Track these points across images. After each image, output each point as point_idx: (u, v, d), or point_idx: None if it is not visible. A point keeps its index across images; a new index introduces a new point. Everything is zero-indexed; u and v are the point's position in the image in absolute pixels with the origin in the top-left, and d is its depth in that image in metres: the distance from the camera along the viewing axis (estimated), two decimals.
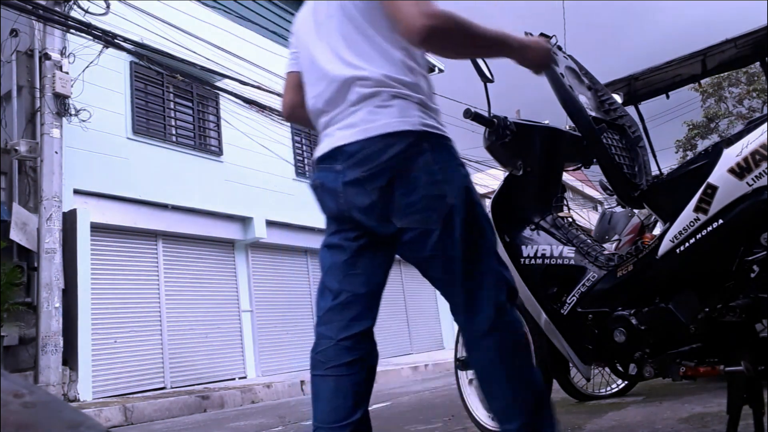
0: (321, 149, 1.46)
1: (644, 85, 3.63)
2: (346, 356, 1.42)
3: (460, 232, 1.34)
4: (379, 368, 1.55)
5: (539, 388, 1.37)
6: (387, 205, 1.35)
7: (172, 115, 8.65)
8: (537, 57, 1.50)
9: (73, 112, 6.65)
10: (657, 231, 3.30)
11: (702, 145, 18.76)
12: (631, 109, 3.04)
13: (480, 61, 2.03)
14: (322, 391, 1.43)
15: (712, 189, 1.55)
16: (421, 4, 1.26)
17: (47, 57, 6.46)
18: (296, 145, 10.46)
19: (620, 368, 1.89)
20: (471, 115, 2.05)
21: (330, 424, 1.39)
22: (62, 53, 6.57)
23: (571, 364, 2.09)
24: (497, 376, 1.34)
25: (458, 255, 1.34)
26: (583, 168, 2.56)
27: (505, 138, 2.09)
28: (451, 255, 1.35)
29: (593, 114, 2.08)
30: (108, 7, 6.88)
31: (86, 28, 6.48)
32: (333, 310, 1.45)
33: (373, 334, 1.48)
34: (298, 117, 1.64)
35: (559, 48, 2.27)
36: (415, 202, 1.33)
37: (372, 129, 1.34)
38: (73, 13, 6.59)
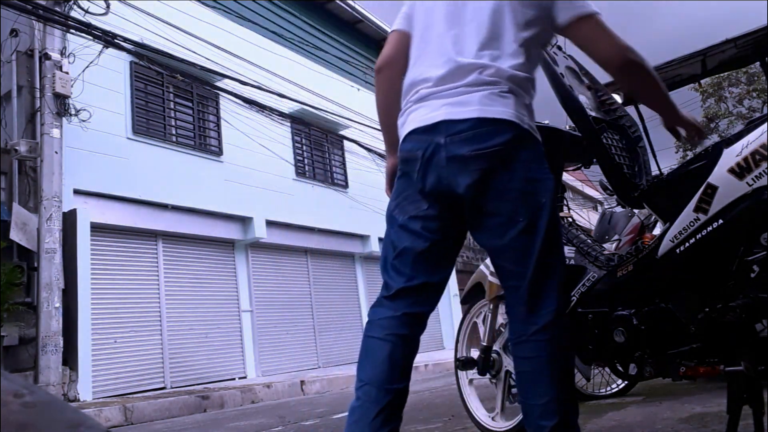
0: (420, 119, 1.47)
1: None
2: (405, 330, 1.49)
3: (543, 230, 1.42)
4: None
5: (574, 391, 1.45)
6: (484, 189, 1.41)
7: (172, 115, 8.65)
8: (688, 125, 1.65)
9: (73, 112, 6.66)
10: (657, 231, 3.30)
11: (702, 145, 18.74)
12: (631, 109, 3.04)
13: None
14: (377, 353, 1.47)
15: (712, 189, 1.55)
16: (623, 42, 1.47)
17: (47, 57, 6.46)
18: (296, 145, 10.45)
19: (620, 368, 1.89)
20: None
21: (379, 384, 1.44)
22: (62, 53, 6.58)
23: None
24: (546, 372, 1.39)
25: (535, 250, 1.41)
26: (583, 168, 2.56)
27: None
28: (529, 249, 1.41)
29: (593, 114, 2.08)
30: (108, 7, 6.88)
31: (86, 28, 6.48)
32: (405, 290, 1.50)
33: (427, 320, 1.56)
34: (388, 75, 1.65)
35: (559, 48, 2.27)
36: (509, 191, 1.41)
37: (487, 111, 1.41)
38: (73, 13, 6.59)
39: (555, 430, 1.35)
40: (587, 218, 17.55)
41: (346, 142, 11.29)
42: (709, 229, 1.57)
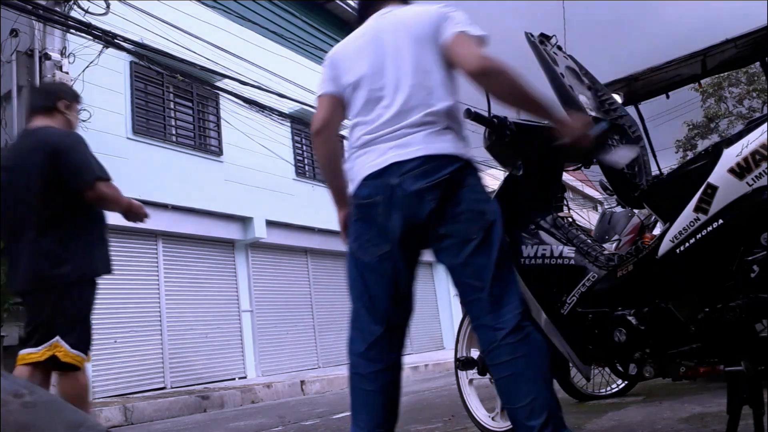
0: (370, 165, 1.61)
1: (644, 85, 3.63)
2: (394, 375, 1.67)
3: (497, 244, 1.56)
4: None
5: (553, 387, 1.53)
6: (441, 215, 1.55)
7: (172, 115, 8.65)
8: (574, 131, 1.73)
9: None
10: (657, 231, 3.30)
11: (702, 145, 18.76)
12: (631, 109, 3.04)
13: None
14: (374, 404, 1.64)
15: (712, 189, 1.55)
16: (482, 50, 1.61)
17: (47, 57, 6.46)
18: (296, 145, 10.46)
19: (620, 368, 1.89)
20: (471, 115, 2.05)
21: (377, 428, 1.62)
22: (62, 53, 6.57)
23: (571, 364, 2.09)
24: (525, 373, 1.48)
25: (491, 263, 1.55)
26: (583, 168, 2.56)
27: (505, 138, 2.09)
28: (486, 262, 1.55)
29: (593, 114, 2.08)
30: (108, 7, 6.87)
31: (86, 28, 6.48)
32: (383, 337, 1.65)
33: None
34: (326, 137, 1.78)
35: (559, 48, 2.27)
36: (461, 213, 1.56)
37: (431, 149, 1.57)
38: (73, 13, 6.59)
39: (544, 427, 1.43)
40: (587, 218, 17.55)
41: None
42: (709, 229, 1.57)
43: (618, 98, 2.44)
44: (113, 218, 2.72)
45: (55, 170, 2.37)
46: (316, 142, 1.80)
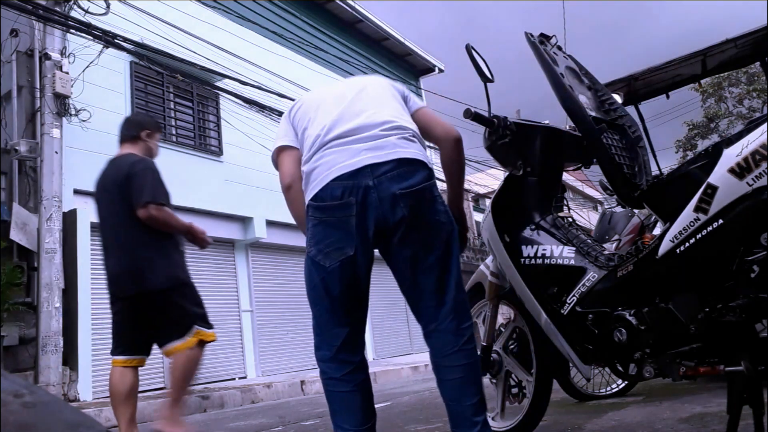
0: (342, 166, 1.63)
1: (644, 85, 3.63)
2: (364, 374, 1.75)
3: (457, 253, 1.68)
4: (378, 368, 1.73)
5: None
6: (410, 222, 1.61)
7: (172, 115, 8.65)
8: (462, 214, 1.96)
9: (73, 112, 6.65)
10: (657, 231, 3.30)
11: (702, 145, 18.76)
12: (631, 109, 3.04)
13: (480, 61, 2.04)
14: (352, 404, 1.71)
15: (712, 189, 1.55)
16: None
17: (47, 57, 6.46)
18: None
19: (620, 368, 1.89)
20: (471, 115, 2.05)
21: (358, 427, 1.69)
22: (62, 53, 6.57)
23: (571, 364, 2.09)
24: (473, 376, 1.64)
25: (454, 271, 1.66)
26: (583, 168, 2.56)
27: (505, 138, 2.09)
28: (449, 270, 1.66)
29: (593, 114, 2.08)
30: (108, 7, 6.87)
31: (86, 28, 6.48)
32: (349, 339, 1.72)
33: None
34: (297, 189, 1.82)
35: (559, 48, 2.27)
36: (428, 223, 1.64)
37: (404, 153, 1.65)
38: (73, 13, 6.58)
39: (485, 423, 1.61)
40: (587, 218, 17.55)
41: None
42: (709, 229, 1.57)
43: (618, 98, 2.43)
44: None
45: (128, 192, 2.81)
46: (288, 196, 1.87)
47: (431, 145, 2.05)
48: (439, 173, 1.84)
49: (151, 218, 2.78)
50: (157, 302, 2.77)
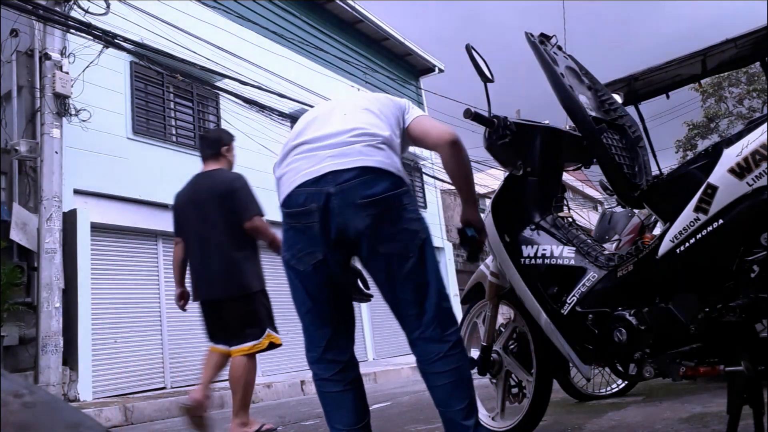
0: (305, 173, 1.65)
1: (644, 85, 3.63)
2: (354, 372, 1.76)
3: (431, 261, 1.67)
4: (378, 368, 1.73)
5: None
6: (376, 232, 1.59)
7: (172, 115, 8.65)
8: (482, 222, 1.95)
9: (73, 112, 6.65)
10: (657, 231, 3.30)
11: (702, 145, 18.76)
12: (631, 109, 3.04)
13: (480, 61, 2.04)
14: (344, 403, 1.72)
15: (712, 189, 1.55)
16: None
17: (47, 57, 6.46)
18: None
19: (620, 368, 1.89)
20: (471, 115, 2.05)
21: (352, 426, 1.70)
22: (62, 53, 6.57)
23: (571, 364, 2.09)
24: (461, 381, 1.64)
25: (431, 279, 1.65)
26: (583, 168, 2.56)
27: (505, 138, 2.09)
28: (424, 279, 1.64)
29: (593, 114, 2.08)
30: (108, 7, 6.87)
31: (86, 28, 6.48)
32: (334, 339, 1.73)
33: None
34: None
35: (559, 48, 2.27)
36: (398, 233, 1.62)
37: (368, 161, 1.62)
38: (73, 13, 6.58)
39: (477, 425, 1.61)
40: (587, 218, 17.55)
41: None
42: (709, 229, 1.57)
43: (618, 98, 2.43)
44: (113, 218, 2.79)
45: (229, 205, 3.14)
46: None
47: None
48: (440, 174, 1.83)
49: (256, 229, 3.17)
50: (241, 304, 3.14)
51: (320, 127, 1.74)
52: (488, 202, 2.27)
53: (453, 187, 1.95)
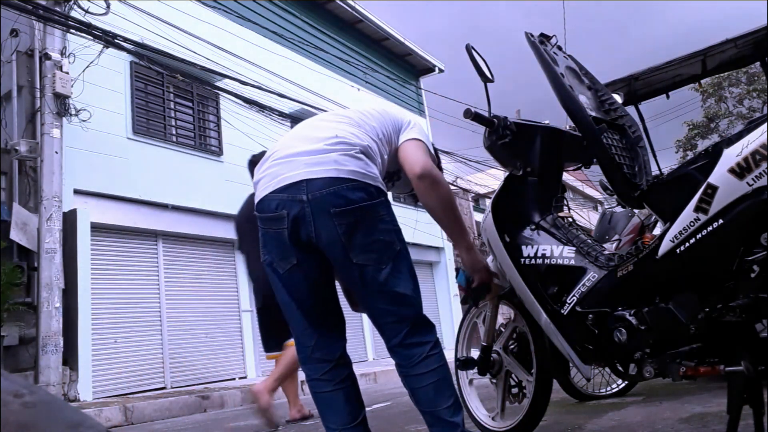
0: (279, 179, 1.63)
1: (644, 85, 3.63)
2: (345, 371, 1.76)
3: (407, 270, 1.66)
4: (378, 368, 1.74)
5: None
6: (349, 241, 1.58)
7: (172, 115, 8.65)
8: (472, 262, 1.93)
9: (73, 112, 6.65)
10: (657, 231, 3.30)
11: (702, 145, 18.76)
12: (631, 109, 3.04)
13: (480, 61, 2.03)
14: (336, 403, 1.72)
15: (712, 189, 1.55)
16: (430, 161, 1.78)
17: (47, 57, 6.46)
18: None
19: (620, 368, 1.89)
20: (471, 115, 2.05)
21: (346, 425, 1.70)
22: (62, 53, 6.57)
23: (571, 364, 2.09)
24: (445, 378, 1.66)
25: (408, 289, 1.65)
26: (583, 168, 2.55)
27: (505, 138, 2.09)
28: (400, 289, 1.64)
29: (593, 114, 2.08)
30: (108, 7, 6.87)
31: (86, 28, 6.48)
32: (322, 339, 1.74)
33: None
34: None
35: (559, 48, 2.26)
36: (373, 243, 1.61)
37: (341, 171, 1.60)
38: (73, 13, 6.59)
39: (462, 421, 1.64)
40: (587, 218, 17.55)
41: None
42: (710, 229, 1.57)
43: (618, 98, 2.43)
44: (113, 218, 2.77)
45: None
46: None
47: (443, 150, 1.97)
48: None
49: None
50: None
51: (300, 137, 1.73)
52: (488, 202, 2.27)
53: (454, 188, 1.93)
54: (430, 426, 1.68)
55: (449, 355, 1.80)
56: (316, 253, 1.64)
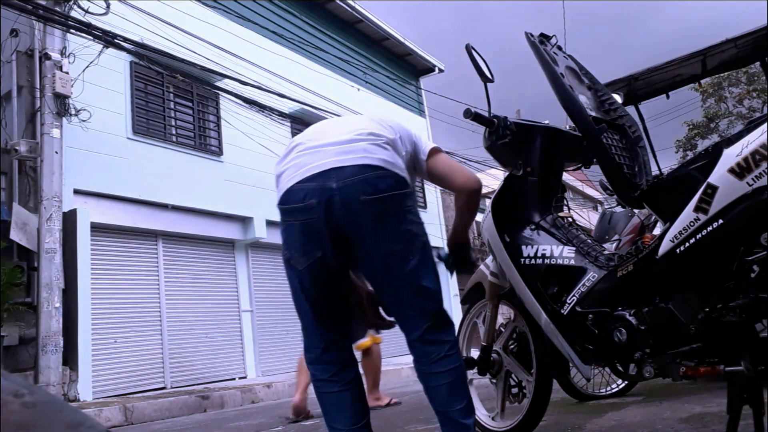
0: (308, 168, 1.63)
1: (644, 85, 3.63)
2: (353, 372, 1.77)
3: (432, 265, 1.68)
4: None
5: None
6: (378, 230, 1.58)
7: (172, 115, 8.65)
8: (464, 255, 2.05)
9: (73, 112, 6.65)
10: (657, 231, 3.30)
11: (702, 145, 18.76)
12: (631, 109, 3.04)
13: (480, 61, 2.03)
14: (343, 403, 1.72)
15: (712, 189, 1.55)
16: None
17: (47, 57, 6.46)
18: None
19: (620, 368, 1.89)
20: (471, 115, 2.05)
21: (351, 426, 1.71)
22: (62, 53, 6.57)
23: (571, 364, 2.09)
24: (461, 380, 1.67)
25: (431, 282, 1.66)
26: (583, 168, 2.55)
27: (505, 138, 2.09)
28: (424, 282, 1.64)
29: (593, 114, 2.08)
30: (108, 7, 6.88)
31: (86, 28, 6.48)
32: (333, 341, 1.73)
33: None
34: None
35: (559, 48, 2.27)
36: (401, 233, 1.62)
37: (370, 159, 1.62)
38: (73, 13, 6.59)
39: (473, 424, 1.65)
40: (587, 218, 17.55)
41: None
42: (709, 229, 1.57)
43: (618, 98, 2.43)
44: (113, 218, 2.75)
45: None
46: None
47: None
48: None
49: None
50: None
51: (325, 130, 1.76)
52: (488, 202, 2.27)
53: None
54: (441, 425, 1.67)
55: None
56: (340, 246, 1.62)
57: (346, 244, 1.62)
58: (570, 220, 2.23)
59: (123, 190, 7.39)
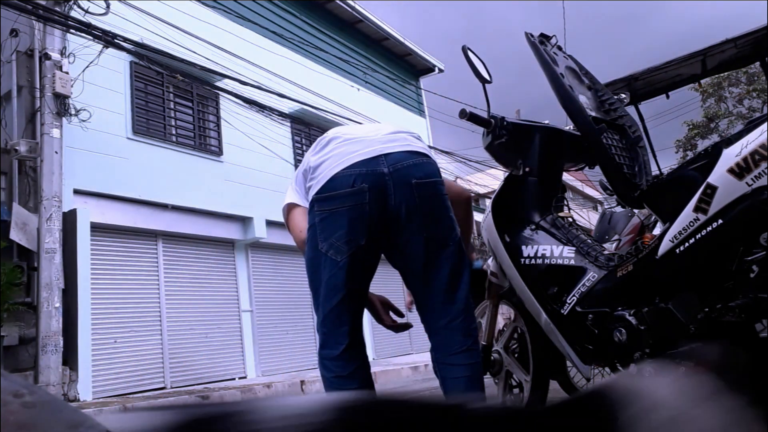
0: (355, 155, 1.64)
1: (644, 85, 3.62)
2: (366, 371, 1.76)
3: (464, 257, 1.72)
4: (379, 368, 1.73)
5: None
6: (424, 212, 1.63)
7: (172, 115, 8.65)
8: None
9: (73, 112, 6.65)
10: (657, 231, 3.30)
11: (702, 145, 18.76)
12: (631, 109, 3.04)
13: (477, 62, 2.04)
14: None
15: (712, 189, 1.55)
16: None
17: (47, 57, 6.46)
18: (296, 145, 10.46)
19: (620, 368, 1.89)
20: (466, 115, 2.05)
21: None
22: (62, 53, 6.57)
23: (570, 364, 2.09)
24: (479, 375, 1.68)
25: (465, 270, 1.69)
26: (583, 168, 2.55)
27: (502, 138, 2.09)
28: (460, 271, 1.68)
29: (593, 114, 2.08)
30: (108, 7, 6.87)
31: (86, 28, 6.48)
32: (356, 334, 1.72)
33: None
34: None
35: (559, 48, 2.27)
36: (444, 218, 1.68)
37: (414, 146, 1.71)
38: (73, 13, 6.58)
39: None
40: (587, 218, 17.55)
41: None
42: (709, 229, 1.57)
43: (626, 98, 2.43)
44: (113, 218, 2.75)
45: None
46: (302, 247, 1.86)
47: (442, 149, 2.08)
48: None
49: None
50: None
51: (361, 128, 1.84)
52: (488, 202, 2.27)
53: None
54: None
55: None
56: (383, 233, 1.65)
57: (384, 231, 1.65)
58: (570, 220, 2.23)
59: (123, 190, 7.39)
